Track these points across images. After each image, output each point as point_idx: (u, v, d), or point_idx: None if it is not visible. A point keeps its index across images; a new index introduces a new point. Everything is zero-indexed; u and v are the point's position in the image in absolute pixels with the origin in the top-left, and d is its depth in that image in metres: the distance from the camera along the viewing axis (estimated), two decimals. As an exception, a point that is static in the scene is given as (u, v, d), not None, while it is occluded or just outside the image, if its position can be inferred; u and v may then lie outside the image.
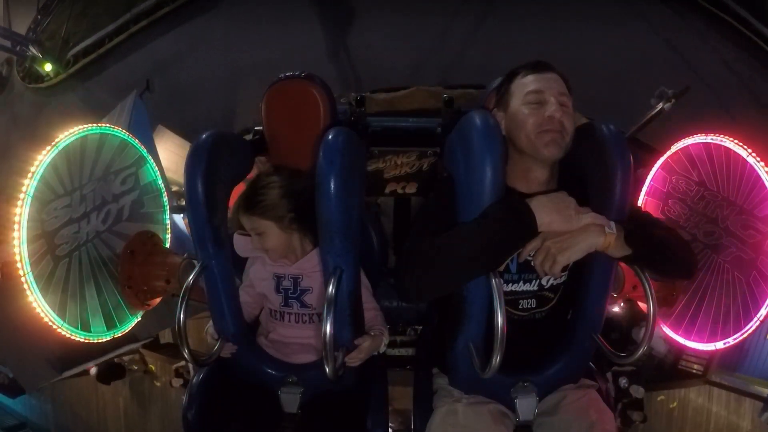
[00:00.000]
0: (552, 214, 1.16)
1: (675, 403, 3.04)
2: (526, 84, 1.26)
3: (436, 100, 3.12)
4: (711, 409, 2.96)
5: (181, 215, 2.45)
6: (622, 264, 1.31)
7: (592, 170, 1.26)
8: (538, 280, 1.30)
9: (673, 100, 2.61)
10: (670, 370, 2.99)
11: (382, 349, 1.47)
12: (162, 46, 5.24)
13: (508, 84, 1.31)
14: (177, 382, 3.36)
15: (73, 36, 5.53)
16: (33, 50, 5.26)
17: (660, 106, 2.62)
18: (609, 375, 2.55)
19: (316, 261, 1.44)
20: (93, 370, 3.36)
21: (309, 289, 1.47)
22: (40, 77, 5.50)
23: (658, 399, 3.04)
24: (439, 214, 1.27)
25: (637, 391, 2.80)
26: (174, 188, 2.44)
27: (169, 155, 3.74)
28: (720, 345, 1.70)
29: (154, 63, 4.97)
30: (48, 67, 5.36)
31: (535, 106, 1.23)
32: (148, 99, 3.80)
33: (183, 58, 5.12)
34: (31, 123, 5.31)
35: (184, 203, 1.38)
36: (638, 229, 1.22)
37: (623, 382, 2.77)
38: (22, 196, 1.42)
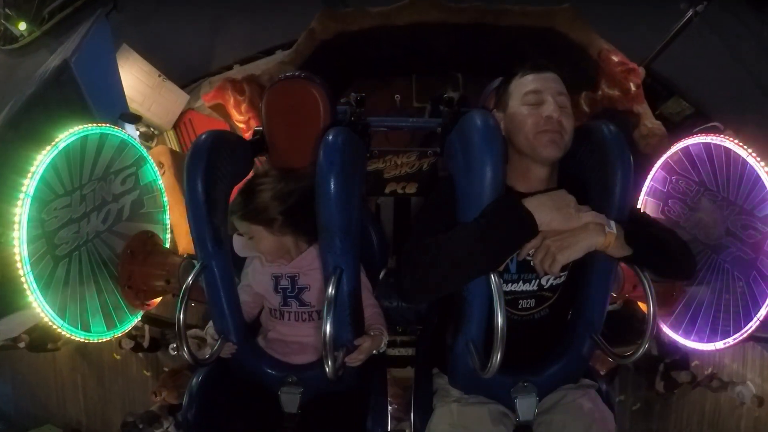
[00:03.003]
0: (552, 212, 1.16)
1: (710, 369, 2.91)
2: (525, 84, 1.26)
3: (440, 12, 2.90)
4: (746, 375, 2.85)
5: (133, 126, 2.29)
6: (622, 264, 1.31)
7: (592, 170, 1.26)
8: (537, 280, 1.30)
9: (705, 2, 2.43)
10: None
11: (382, 348, 1.47)
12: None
13: (507, 84, 1.30)
14: (128, 344, 2.98)
15: (51, -4, 5.25)
16: (7, 11, 5.12)
17: (691, 11, 2.45)
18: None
19: (311, 258, 1.45)
20: (25, 341, 2.97)
21: (307, 287, 1.47)
22: (14, 38, 5.35)
23: (693, 364, 2.86)
24: (439, 214, 1.27)
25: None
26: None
27: (133, 80, 3.47)
28: (720, 345, 1.70)
29: (133, 15, 4.52)
30: (22, 26, 5.13)
31: (534, 107, 1.23)
32: (115, 20, 3.39)
33: (164, 9, 4.68)
34: (2, 86, 5.11)
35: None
36: (639, 229, 1.21)
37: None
38: (22, 196, 1.42)
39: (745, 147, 1.62)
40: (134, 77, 3.50)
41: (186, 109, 3.84)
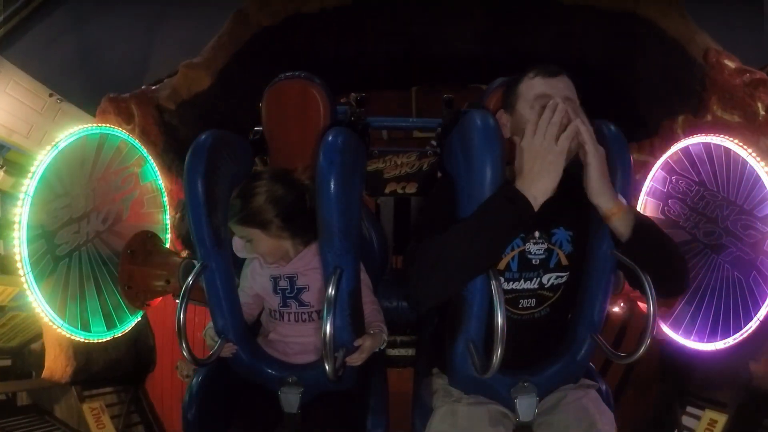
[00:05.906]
0: (541, 177, 1.12)
1: None
2: (534, 86, 1.25)
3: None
4: None
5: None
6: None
7: None
8: (538, 278, 1.30)
9: None
10: None
11: (383, 346, 1.47)
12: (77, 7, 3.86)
13: (515, 86, 1.30)
14: None
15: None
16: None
17: None
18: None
19: (309, 258, 1.45)
20: None
21: (305, 287, 1.47)
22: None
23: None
24: (439, 215, 1.27)
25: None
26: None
27: (10, 103, 2.51)
28: (720, 345, 1.70)
29: (71, 19, 3.77)
30: None
31: (542, 110, 1.19)
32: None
33: (93, 15, 3.81)
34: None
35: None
36: (646, 220, 1.23)
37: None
38: (22, 196, 1.42)
39: (745, 147, 1.62)
40: (7, 94, 2.48)
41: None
